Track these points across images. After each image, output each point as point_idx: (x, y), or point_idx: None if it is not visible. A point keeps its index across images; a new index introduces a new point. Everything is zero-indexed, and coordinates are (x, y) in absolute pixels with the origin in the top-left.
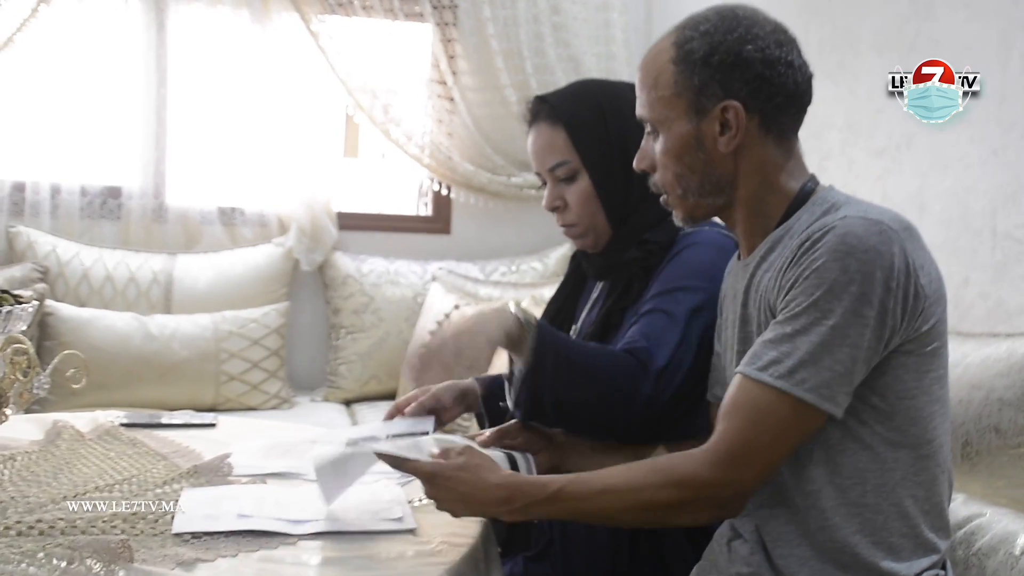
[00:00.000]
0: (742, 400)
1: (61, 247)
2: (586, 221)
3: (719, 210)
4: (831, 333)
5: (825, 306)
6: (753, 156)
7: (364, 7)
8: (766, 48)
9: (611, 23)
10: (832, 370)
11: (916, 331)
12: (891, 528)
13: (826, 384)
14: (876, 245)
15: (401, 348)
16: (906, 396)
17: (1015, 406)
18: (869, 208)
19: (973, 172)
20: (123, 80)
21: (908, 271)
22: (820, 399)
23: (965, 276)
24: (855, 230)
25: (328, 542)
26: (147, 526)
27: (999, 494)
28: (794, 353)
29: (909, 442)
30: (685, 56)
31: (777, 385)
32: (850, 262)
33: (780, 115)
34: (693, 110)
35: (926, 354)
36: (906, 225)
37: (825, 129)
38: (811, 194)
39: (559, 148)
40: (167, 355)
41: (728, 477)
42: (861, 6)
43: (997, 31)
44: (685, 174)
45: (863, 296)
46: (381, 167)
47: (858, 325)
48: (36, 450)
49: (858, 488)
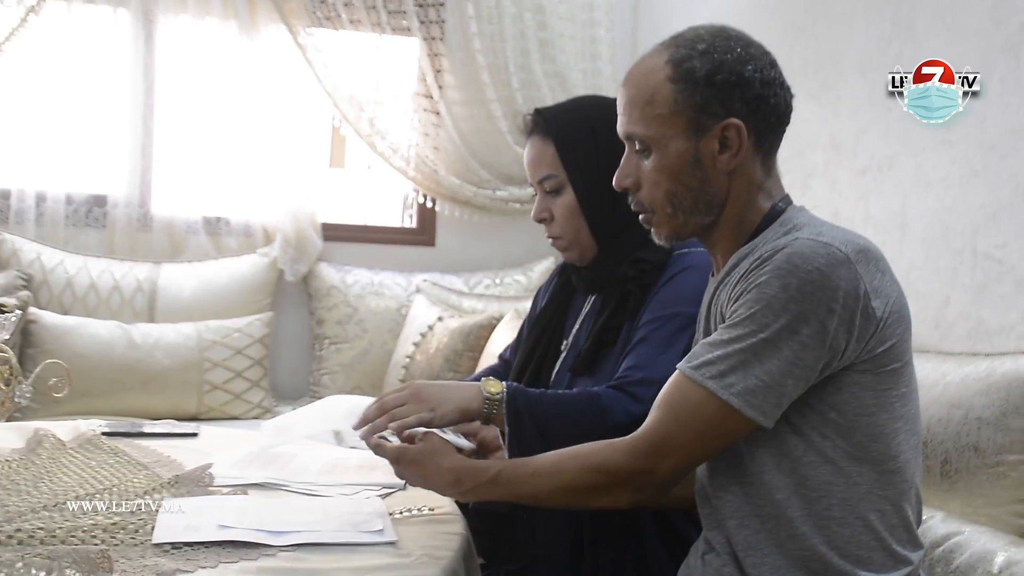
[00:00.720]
0: (673, 395)
1: (46, 255)
2: (570, 235)
3: (705, 229)
4: (763, 345)
5: (761, 320)
6: (744, 176)
7: (352, 21)
8: (763, 69)
9: (597, 40)
10: (760, 380)
11: (870, 352)
12: (859, 541)
13: (752, 392)
14: (820, 267)
15: (384, 359)
16: (864, 413)
17: (994, 425)
18: (826, 231)
19: (954, 192)
20: (110, 89)
21: (856, 294)
22: (745, 405)
23: (946, 295)
24: (802, 251)
25: (308, 554)
26: (127, 536)
27: (978, 512)
28: (727, 359)
29: (872, 457)
30: (685, 75)
31: (706, 385)
32: (791, 280)
33: (771, 135)
34: (692, 128)
35: (884, 373)
36: (861, 248)
37: (809, 149)
38: (780, 214)
39: (547, 162)
40: (150, 364)
41: (644, 466)
42: (845, 27)
43: (978, 53)
44: (679, 192)
45: (800, 315)
46: (366, 178)
47: (792, 342)
48: (17, 459)
49: (824, 500)
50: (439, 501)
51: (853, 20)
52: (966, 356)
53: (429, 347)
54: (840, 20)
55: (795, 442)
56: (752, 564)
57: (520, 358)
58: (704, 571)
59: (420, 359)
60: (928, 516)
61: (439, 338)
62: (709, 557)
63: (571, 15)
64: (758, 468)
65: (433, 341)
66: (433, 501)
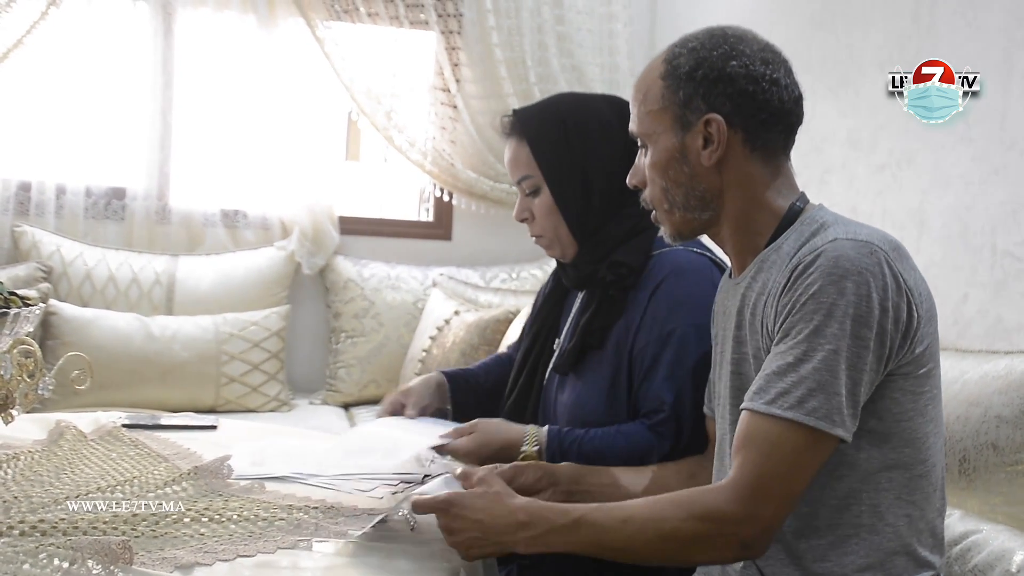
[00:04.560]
0: (754, 434)
1: (65, 247)
2: (550, 233)
3: (706, 225)
4: (834, 358)
5: (826, 331)
6: (738, 171)
7: (369, 14)
8: (750, 64)
9: (615, 34)
10: (840, 395)
11: (911, 352)
12: (884, 547)
13: (837, 410)
14: (869, 266)
15: (401, 353)
16: (903, 418)
17: (1013, 423)
18: (858, 229)
19: (973, 190)
20: (129, 82)
21: (900, 291)
22: (832, 425)
23: (964, 293)
24: (847, 252)
25: (326, 548)
26: (147, 528)
27: (996, 511)
28: (802, 383)
29: (903, 463)
30: (672, 71)
31: (788, 416)
32: (846, 285)
33: (765, 132)
34: (679, 124)
35: (921, 375)
36: (895, 245)
37: (827, 144)
38: (800, 213)
39: (523, 163)
40: (168, 356)
41: (750, 511)
42: (864, 23)
43: (999, 49)
44: (671, 187)
45: (861, 318)
46: (383, 171)
47: (859, 347)
48: (39, 450)
49: (853, 509)
50: None
51: (872, 16)
52: (985, 354)
53: (445, 341)
54: (859, 16)
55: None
56: (773, 573)
57: (518, 358)
58: (724, 573)
59: (436, 353)
60: (946, 514)
61: (455, 332)
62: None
63: (589, 9)
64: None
65: (449, 335)
66: None
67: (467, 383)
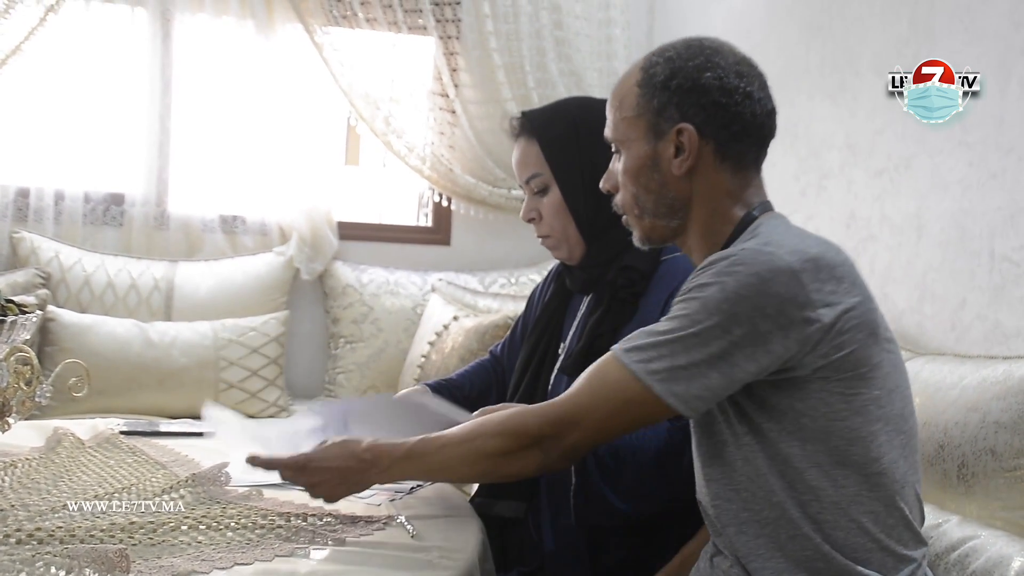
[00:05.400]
0: (600, 372)
1: (64, 253)
2: (558, 233)
3: (674, 233)
4: (692, 339)
5: (695, 316)
6: (707, 181)
7: (368, 19)
8: (724, 77)
9: (613, 39)
10: (684, 369)
11: (826, 358)
12: (854, 543)
13: (674, 379)
14: (759, 272)
15: (400, 358)
16: (836, 418)
17: (1011, 429)
18: (779, 239)
19: (972, 194)
20: (128, 88)
21: (796, 303)
22: (667, 392)
23: (963, 298)
24: (744, 258)
25: (325, 556)
26: (145, 536)
27: (994, 516)
28: (656, 347)
29: (853, 461)
30: (648, 79)
31: (632, 368)
32: (728, 283)
33: (736, 144)
34: (652, 131)
35: (849, 378)
36: (810, 257)
37: (825, 149)
38: (752, 221)
39: (533, 161)
40: (167, 362)
41: (553, 431)
42: (862, 27)
43: (997, 54)
44: (641, 194)
45: (733, 316)
46: (381, 176)
47: (722, 340)
48: (36, 457)
49: (815, 504)
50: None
51: (870, 20)
52: (983, 359)
53: (444, 346)
54: (857, 20)
55: (782, 447)
56: (756, 568)
57: (520, 362)
58: (713, 573)
59: (435, 358)
60: (944, 520)
61: (454, 337)
62: (717, 560)
63: (587, 14)
64: (752, 474)
65: (448, 340)
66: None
67: (450, 394)
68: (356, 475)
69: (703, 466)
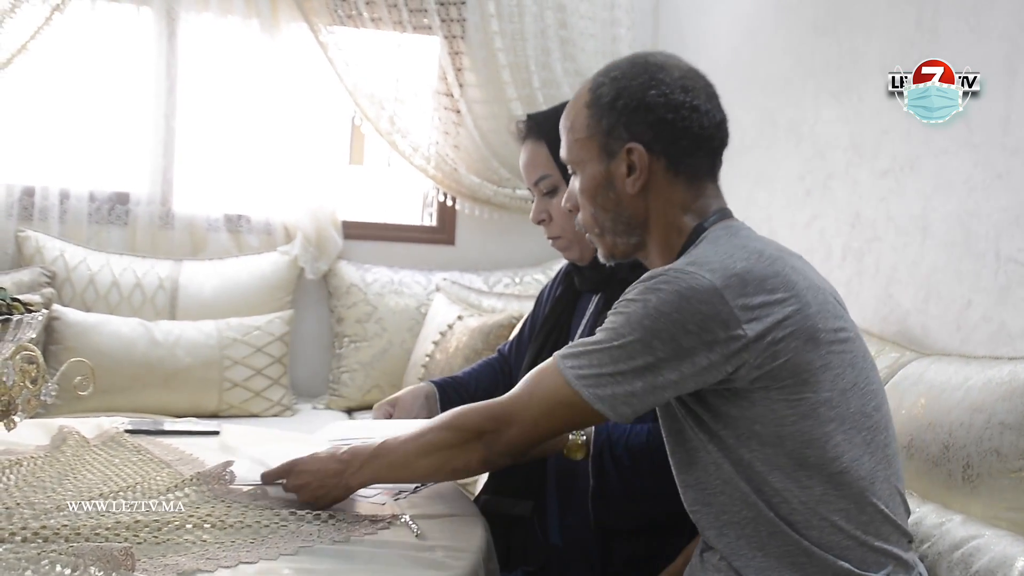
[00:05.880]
0: (539, 375)
1: (69, 252)
2: (569, 234)
3: (635, 248)
4: (618, 351)
5: (620, 331)
6: (661, 197)
7: (373, 19)
8: (670, 93)
9: (618, 39)
10: (612, 378)
11: (760, 368)
12: (830, 541)
13: (600, 385)
14: (680, 290)
15: (404, 358)
16: (786, 423)
17: (1016, 430)
18: (707, 256)
19: (977, 195)
20: (133, 87)
21: (719, 319)
22: (593, 397)
23: (968, 299)
24: (668, 276)
25: (328, 555)
26: (150, 534)
27: (999, 517)
28: (588, 355)
29: (812, 463)
30: (596, 100)
31: (564, 373)
32: (651, 299)
33: (687, 157)
34: (604, 152)
35: (791, 385)
36: (735, 273)
37: (830, 149)
38: (701, 232)
39: (541, 163)
40: (171, 361)
41: (492, 427)
42: (867, 27)
43: (1002, 54)
44: (600, 213)
45: (653, 331)
46: (386, 175)
47: (646, 354)
48: (42, 456)
49: (784, 506)
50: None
51: (875, 21)
52: (989, 360)
53: (448, 346)
54: (862, 21)
55: (743, 453)
56: (741, 566)
57: (527, 361)
58: (704, 569)
59: (440, 358)
60: (947, 519)
61: (458, 337)
62: (707, 555)
63: (592, 14)
64: (723, 478)
65: (452, 340)
66: (451, 501)
67: (456, 392)
68: (333, 477)
69: (678, 473)
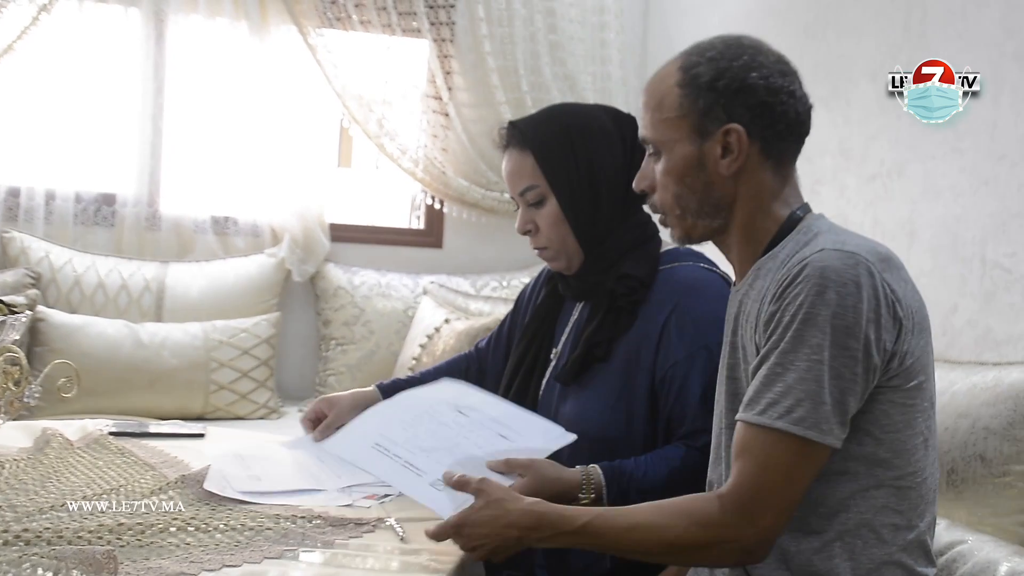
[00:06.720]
0: (749, 444)
1: (54, 253)
2: (556, 244)
3: (716, 232)
4: (819, 367)
5: (810, 340)
6: (752, 181)
7: (362, 22)
8: (770, 76)
9: (607, 43)
10: (826, 403)
11: (901, 364)
12: (870, 555)
13: (824, 419)
14: (853, 277)
15: (391, 361)
16: (892, 430)
17: (1000, 435)
18: (848, 238)
19: (964, 201)
20: (120, 88)
21: (886, 301)
22: (821, 434)
23: (954, 304)
24: (832, 263)
25: (314, 558)
26: (133, 537)
27: (983, 522)
28: (789, 393)
29: (892, 473)
30: (691, 80)
31: (777, 426)
32: (829, 295)
33: (780, 142)
34: (696, 132)
35: (911, 388)
36: (883, 256)
37: (818, 154)
38: (799, 221)
39: (527, 173)
40: (157, 363)
41: (748, 521)
42: (856, 34)
43: (989, 61)
44: (685, 194)
45: (847, 329)
46: (374, 178)
47: (844, 357)
48: (25, 458)
49: (841, 516)
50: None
51: (864, 26)
52: (973, 365)
53: (436, 349)
54: (851, 26)
55: None
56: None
57: (510, 366)
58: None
59: (427, 361)
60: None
61: (446, 340)
62: None
63: (581, 18)
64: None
65: (440, 343)
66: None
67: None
68: (514, 541)
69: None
